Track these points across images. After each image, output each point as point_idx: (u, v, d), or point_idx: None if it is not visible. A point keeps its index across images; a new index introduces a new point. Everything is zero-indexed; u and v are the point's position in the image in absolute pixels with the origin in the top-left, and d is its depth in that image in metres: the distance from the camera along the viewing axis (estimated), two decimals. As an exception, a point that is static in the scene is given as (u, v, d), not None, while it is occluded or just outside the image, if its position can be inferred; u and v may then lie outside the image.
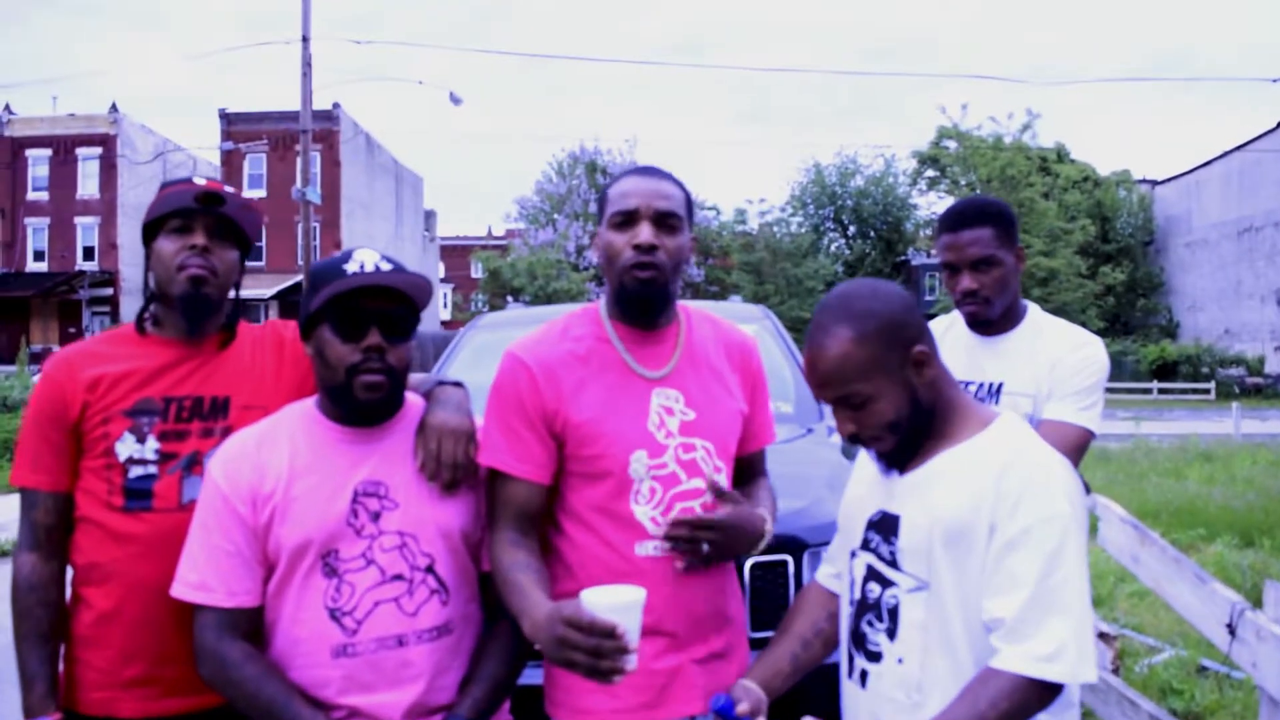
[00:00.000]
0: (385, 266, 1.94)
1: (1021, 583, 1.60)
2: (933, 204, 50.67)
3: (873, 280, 1.85)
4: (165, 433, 2.08)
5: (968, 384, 2.63)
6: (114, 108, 41.65)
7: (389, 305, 1.92)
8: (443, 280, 63.11)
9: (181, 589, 1.91)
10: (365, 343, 1.89)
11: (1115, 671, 4.69)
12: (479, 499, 2.06)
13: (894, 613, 1.78)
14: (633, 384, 2.06)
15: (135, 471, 2.06)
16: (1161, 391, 37.18)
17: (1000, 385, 2.61)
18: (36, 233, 42.17)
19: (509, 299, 35.75)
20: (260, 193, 41.90)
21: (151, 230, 2.14)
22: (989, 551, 1.65)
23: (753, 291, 41.34)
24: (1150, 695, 4.78)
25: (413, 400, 2.09)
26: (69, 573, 2.13)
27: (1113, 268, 44.07)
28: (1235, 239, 42.21)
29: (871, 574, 1.84)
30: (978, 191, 41.87)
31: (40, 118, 42.47)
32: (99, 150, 41.02)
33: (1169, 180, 48.89)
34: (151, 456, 2.07)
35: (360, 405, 1.93)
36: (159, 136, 43.61)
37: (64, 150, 41.38)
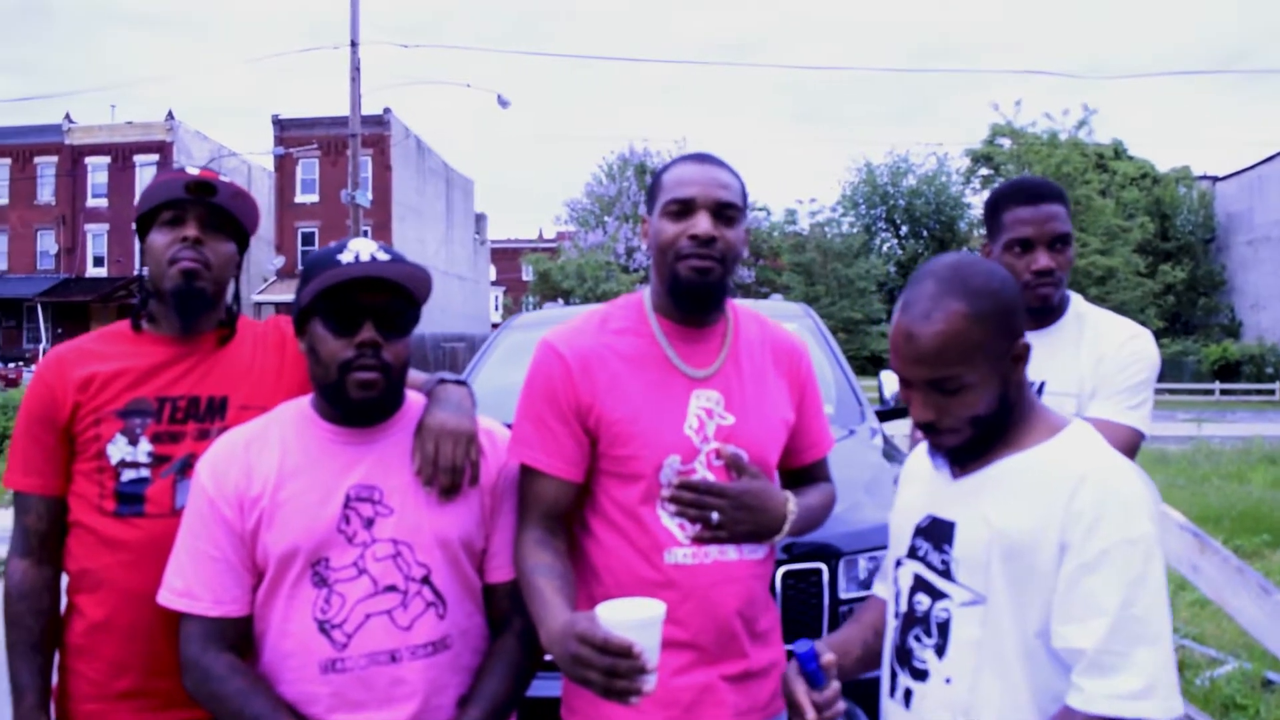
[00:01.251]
0: (382, 257, 1.83)
1: (1102, 610, 1.45)
2: (987, 198, 50.06)
3: (982, 258, 1.70)
4: (159, 434, 1.99)
5: None
6: (170, 115, 42.37)
7: (385, 298, 1.81)
8: (493, 283, 63.48)
9: (167, 596, 1.82)
10: (359, 338, 1.78)
11: (1174, 685, 4.47)
12: (481, 505, 1.95)
13: (944, 628, 1.64)
14: (673, 382, 1.94)
15: (127, 475, 1.97)
16: (1224, 393, 36.33)
17: (1041, 384, 2.41)
18: (96, 238, 43.03)
19: (558, 301, 35.84)
20: (313, 197, 42.43)
21: (145, 223, 2.06)
22: (1059, 572, 1.50)
23: (803, 292, 41.08)
24: (1212, 711, 4.58)
25: (414, 399, 1.98)
26: (64, 580, 2.05)
27: (1172, 266, 43.24)
28: (1300, 236, 41.15)
29: (920, 584, 1.70)
30: (1033, 189, 41.18)
31: (99, 126, 43.36)
32: (156, 157, 41.67)
33: (1230, 176, 47.81)
34: (144, 459, 1.98)
35: (354, 404, 1.82)
36: (214, 143, 44.26)
37: (122, 157, 42.17)
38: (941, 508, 1.70)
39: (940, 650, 1.64)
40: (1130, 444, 2.30)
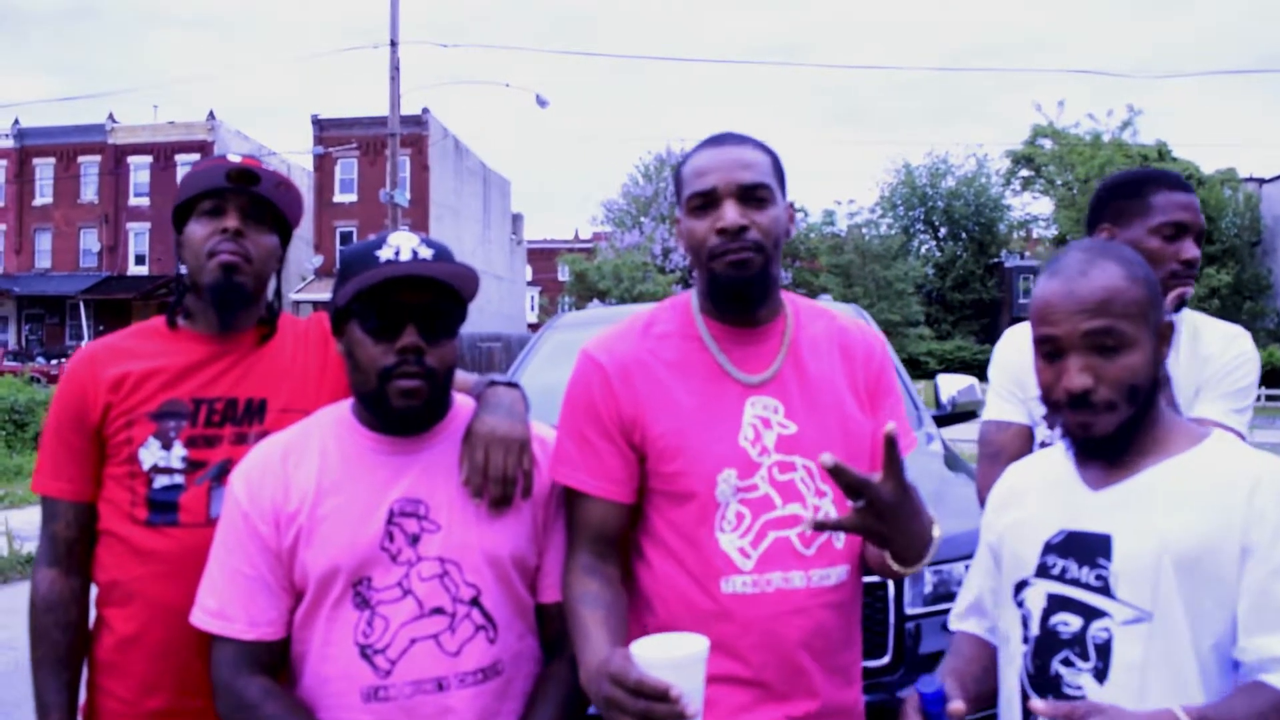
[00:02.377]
0: (425, 253, 1.67)
1: None
2: (1027, 204, 49.58)
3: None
4: (194, 438, 1.86)
5: None
6: (211, 115, 42.71)
7: (429, 298, 1.65)
8: (530, 283, 63.49)
9: (200, 617, 1.69)
10: (400, 343, 1.62)
11: None
12: (534, 519, 1.79)
13: (1104, 650, 1.50)
14: (725, 390, 1.75)
15: (160, 481, 1.85)
16: (1269, 399, 35.62)
17: None
18: (138, 237, 43.43)
19: (595, 301, 35.72)
20: (351, 197, 42.61)
21: (182, 214, 1.93)
22: (1242, 579, 1.42)
23: (841, 294, 40.77)
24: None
25: (462, 403, 1.83)
26: (93, 591, 1.93)
27: (1218, 269, 42.45)
28: (1350, 239, 40.34)
29: (1062, 604, 1.56)
30: (1074, 192, 40.73)
31: (141, 126, 43.77)
32: (197, 156, 41.86)
33: (1277, 179, 46.94)
34: (178, 465, 1.85)
35: (396, 414, 1.67)
36: (254, 142, 44.52)
37: (164, 157, 42.50)
38: (1082, 521, 1.57)
39: (1101, 674, 1.50)
40: None
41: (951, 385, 4.92)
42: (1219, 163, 59.86)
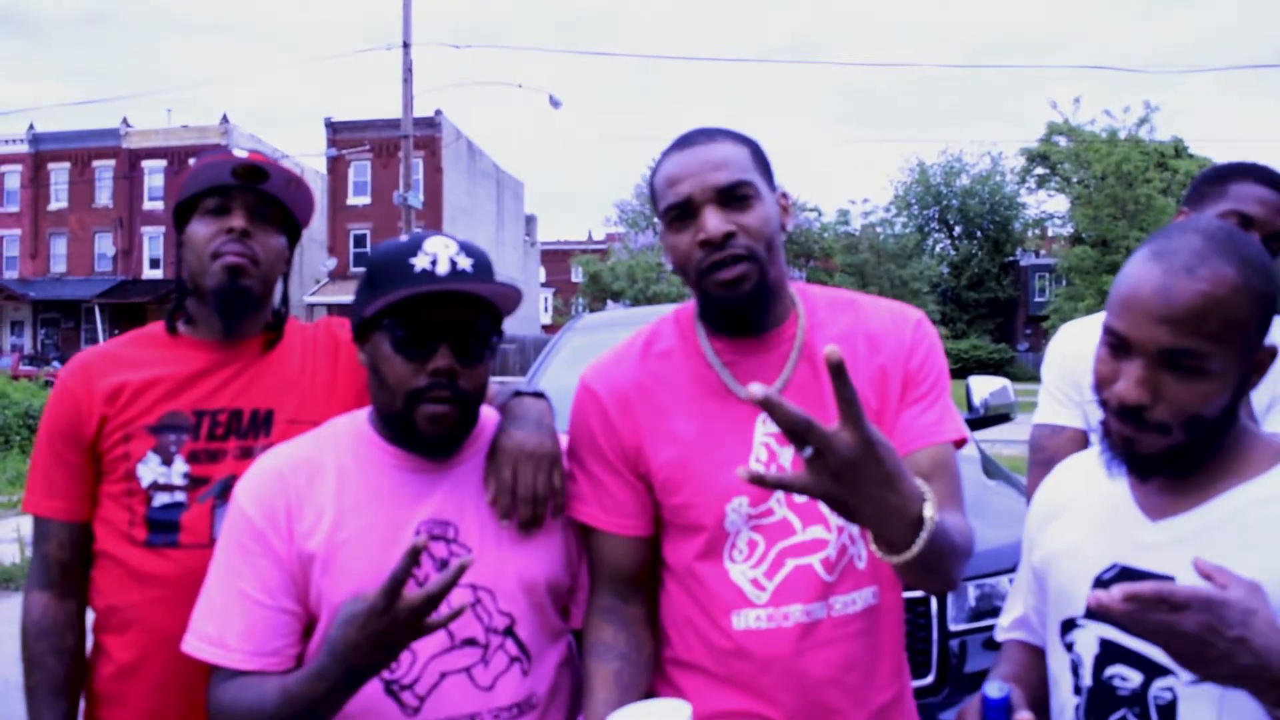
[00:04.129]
0: (464, 263, 1.51)
1: None
2: (1042, 202, 49.31)
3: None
4: (196, 453, 1.73)
5: None
6: (224, 119, 42.77)
7: (466, 315, 1.50)
8: (543, 284, 63.45)
9: (194, 643, 1.52)
10: (433, 364, 1.48)
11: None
12: (567, 538, 1.67)
13: (1169, 712, 1.29)
14: (732, 410, 1.59)
15: (160, 499, 1.72)
16: None
17: None
18: (152, 241, 43.52)
19: (609, 302, 35.59)
20: (365, 199, 42.60)
21: (184, 212, 1.80)
22: None
23: (856, 294, 40.70)
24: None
25: (488, 416, 1.68)
26: (90, 616, 1.80)
27: (1236, 266, 42.12)
28: (1371, 235, 39.97)
29: (1117, 654, 1.35)
30: (1090, 190, 40.40)
31: (156, 129, 43.88)
32: (211, 160, 42.12)
33: (1297, 174, 46.57)
34: (179, 481, 1.72)
35: (422, 437, 1.53)
36: (267, 145, 44.52)
37: (178, 161, 42.53)
38: (1138, 556, 1.34)
39: None
40: None
41: (984, 387, 4.76)
42: (1236, 159, 59.38)
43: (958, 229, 52.56)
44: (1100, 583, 1.37)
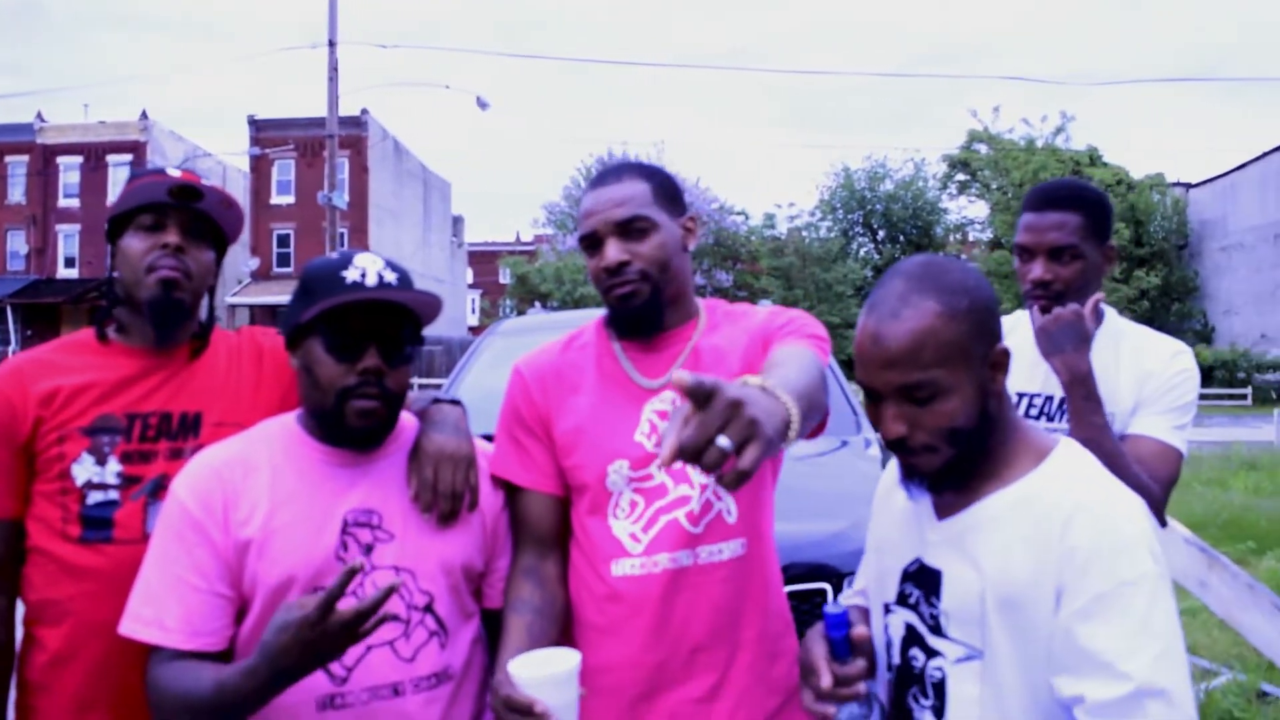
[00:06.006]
0: (390, 276, 1.71)
1: (1101, 662, 1.28)
2: (963, 208, 50.27)
3: (954, 257, 1.51)
4: (128, 453, 1.85)
5: (1030, 396, 2.34)
6: (144, 115, 41.85)
7: (391, 323, 1.70)
8: (471, 286, 63.17)
9: (133, 626, 1.64)
10: (362, 365, 1.67)
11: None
12: (483, 528, 1.85)
13: (940, 688, 1.46)
14: (627, 393, 1.89)
15: (94, 497, 1.83)
16: (1199, 397, 36.60)
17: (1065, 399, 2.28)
18: (67, 239, 42.41)
19: (536, 304, 35.63)
20: (289, 199, 42.02)
21: (119, 226, 1.91)
22: (1057, 619, 1.33)
23: (781, 297, 41.10)
24: (1210, 725, 4.50)
25: (406, 420, 1.86)
26: (20, 610, 1.90)
27: (1146, 272, 43.43)
28: (1272, 242, 41.48)
29: (913, 637, 1.52)
30: (1009, 196, 41.45)
31: (72, 125, 42.74)
32: (129, 157, 41.08)
33: (1203, 183, 48.17)
34: (113, 480, 1.84)
35: (351, 432, 1.71)
36: (189, 143, 43.75)
37: (95, 157, 41.59)
38: (928, 553, 1.51)
39: (939, 712, 1.47)
40: (1176, 464, 2.19)
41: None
42: (1149, 168, 61.22)
43: (881, 233, 53.39)
44: (905, 575, 1.55)
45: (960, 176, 49.30)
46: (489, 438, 1.99)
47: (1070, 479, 1.41)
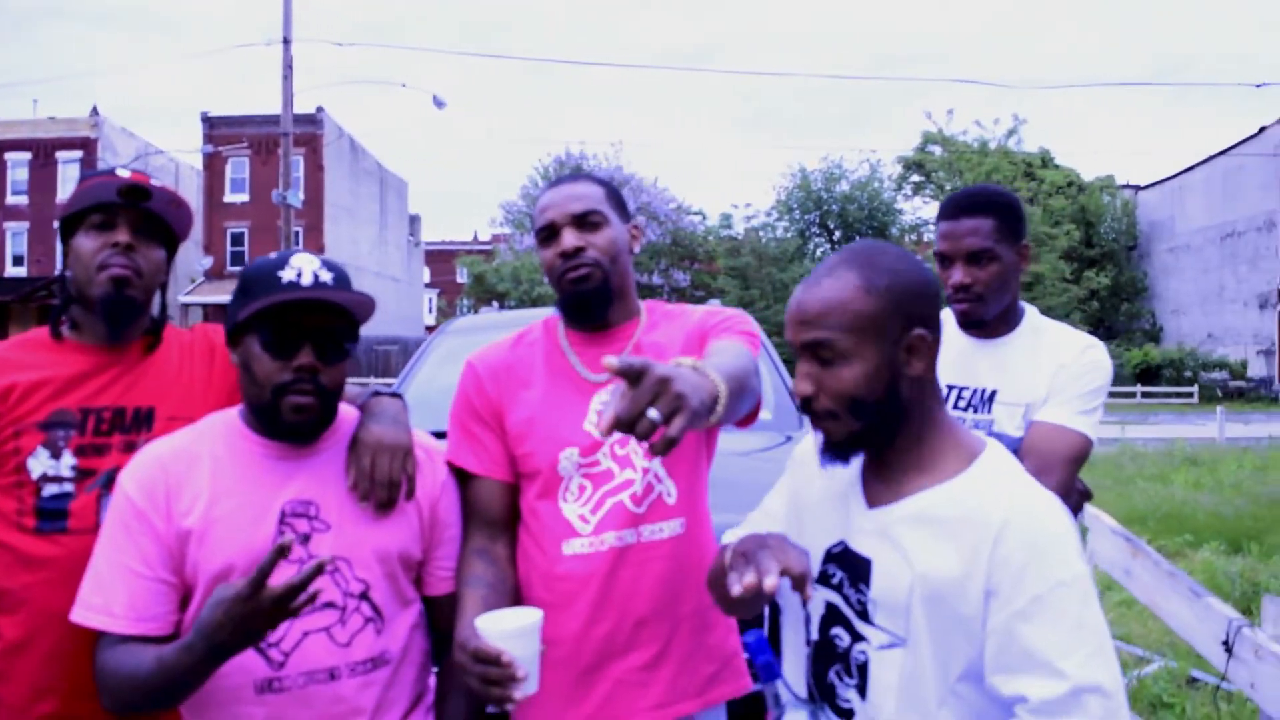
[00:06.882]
0: (325, 276, 1.78)
1: (1042, 660, 1.35)
2: (918, 209, 50.69)
3: (900, 247, 1.58)
4: (83, 447, 1.91)
5: (959, 389, 2.46)
6: (95, 111, 41.22)
7: (326, 321, 1.76)
8: (428, 285, 62.84)
9: (82, 613, 1.72)
10: (297, 362, 1.74)
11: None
12: (420, 518, 1.92)
13: (864, 669, 1.54)
14: (575, 386, 2.03)
15: (49, 489, 1.89)
16: (1145, 395, 37.21)
17: (994, 392, 2.41)
18: (15, 237, 41.69)
19: (494, 304, 35.55)
20: (243, 197, 41.54)
21: (70, 225, 1.97)
22: (989, 619, 1.40)
23: (738, 297, 41.28)
24: (1140, 709, 4.67)
25: (346, 413, 1.94)
26: None
27: (1097, 272, 44.07)
28: (1218, 244, 42.31)
29: (836, 617, 1.59)
30: (964, 196, 41.80)
31: (20, 121, 41.99)
32: (79, 154, 40.49)
33: (1152, 185, 48.99)
34: (67, 473, 1.90)
35: (287, 426, 1.78)
36: (140, 140, 43.17)
37: (44, 154, 40.91)
38: (855, 538, 1.57)
39: (862, 691, 1.54)
40: (1079, 449, 2.29)
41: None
42: (1099, 170, 62.10)
43: (837, 233, 53.59)
44: (829, 555, 1.62)
45: (915, 178, 49.70)
46: (441, 434, 2.08)
47: (999, 487, 1.47)
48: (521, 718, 1.97)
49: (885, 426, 1.52)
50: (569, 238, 1.98)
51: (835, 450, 1.55)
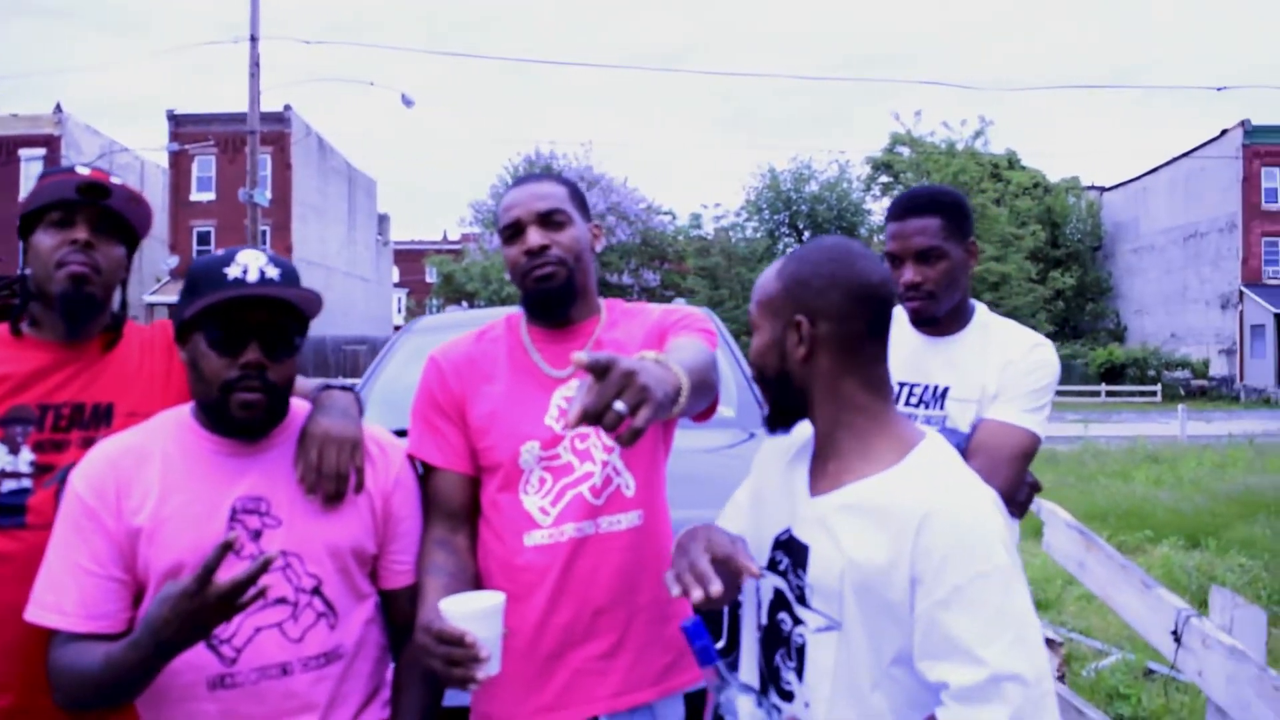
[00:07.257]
0: (272, 272, 1.77)
1: (961, 647, 1.40)
2: (886, 209, 50.94)
3: (867, 251, 1.68)
4: (41, 443, 1.92)
5: (911, 386, 2.50)
6: (58, 108, 40.73)
7: (273, 317, 1.76)
8: (397, 285, 62.54)
9: (35, 611, 1.72)
10: (244, 358, 1.74)
11: (1061, 678, 4.63)
12: (373, 511, 1.92)
13: (801, 652, 1.60)
14: (538, 381, 2.06)
15: (8, 485, 1.89)
16: (1109, 394, 37.65)
17: (945, 389, 2.45)
18: (-23, 235, 41.19)
19: (462, 303, 35.46)
20: (209, 195, 41.16)
21: (29, 223, 1.98)
22: (914, 607, 1.45)
23: (708, 296, 41.36)
24: (1097, 701, 4.75)
25: (298, 408, 1.94)
26: None
27: (1062, 272, 44.54)
28: (1181, 244, 42.90)
29: (782, 602, 1.66)
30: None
31: (-19, 118, 41.50)
32: (43, 151, 39.98)
33: (1117, 187, 49.59)
34: (26, 469, 1.90)
35: (235, 423, 1.78)
36: (105, 138, 42.69)
37: (6, 151, 40.38)
38: (798, 525, 1.64)
39: (800, 673, 1.61)
40: (1026, 446, 2.34)
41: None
42: (1065, 171, 62.66)
43: (807, 234, 53.69)
44: (777, 543, 1.68)
45: (883, 178, 49.94)
46: (403, 433, 2.09)
47: (927, 479, 1.52)
48: (482, 706, 2.00)
49: (785, 400, 1.67)
50: (534, 236, 2.01)
51: (769, 418, 1.71)
